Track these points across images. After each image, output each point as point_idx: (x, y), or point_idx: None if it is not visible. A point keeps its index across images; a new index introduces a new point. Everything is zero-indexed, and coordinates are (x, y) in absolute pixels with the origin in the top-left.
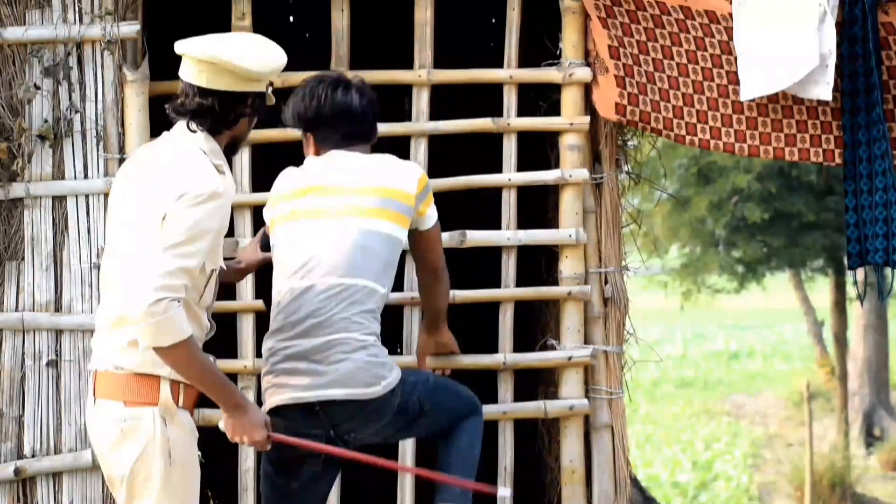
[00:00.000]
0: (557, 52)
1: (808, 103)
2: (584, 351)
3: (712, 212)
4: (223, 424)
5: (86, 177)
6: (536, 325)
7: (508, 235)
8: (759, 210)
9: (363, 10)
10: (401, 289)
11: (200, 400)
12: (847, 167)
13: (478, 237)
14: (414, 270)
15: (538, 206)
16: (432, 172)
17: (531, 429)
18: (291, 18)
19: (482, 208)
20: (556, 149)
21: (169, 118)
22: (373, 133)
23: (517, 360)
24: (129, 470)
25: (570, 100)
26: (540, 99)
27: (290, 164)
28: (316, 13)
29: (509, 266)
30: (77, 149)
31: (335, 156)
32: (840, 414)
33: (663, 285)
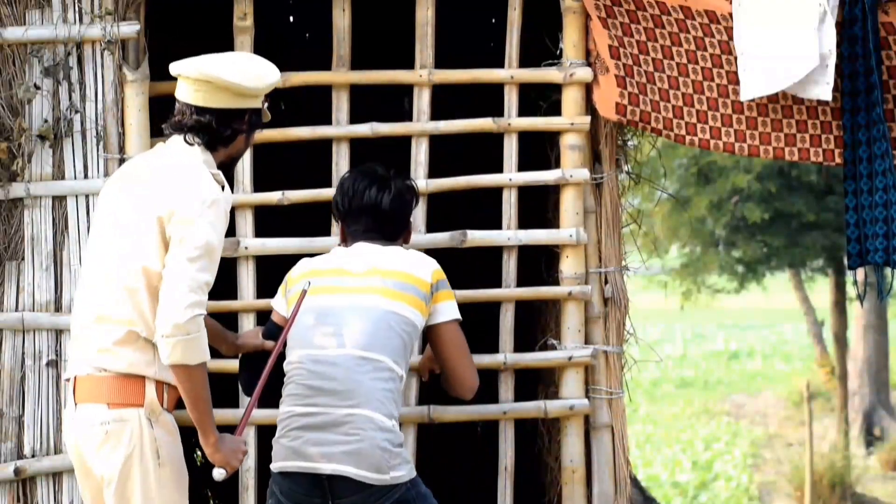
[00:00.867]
0: (558, 52)
1: (808, 103)
2: (584, 351)
3: (712, 212)
4: (218, 473)
5: (86, 177)
6: (537, 324)
7: (509, 235)
8: (759, 210)
9: (364, 10)
10: None
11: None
12: (847, 167)
13: (478, 237)
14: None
15: (538, 206)
16: (433, 172)
17: (531, 428)
18: (292, 18)
19: (483, 208)
20: (557, 149)
21: (165, 134)
22: (399, 233)
23: (518, 360)
24: (117, 473)
25: (570, 100)
26: (540, 99)
27: (292, 164)
28: (317, 13)
29: (510, 266)
30: (77, 149)
31: (359, 247)
32: (840, 414)
33: (663, 285)
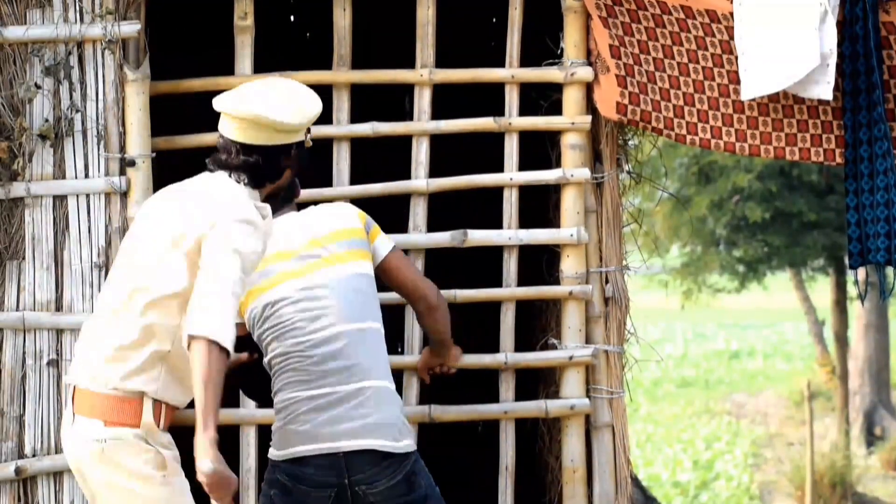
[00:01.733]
0: (559, 51)
1: (809, 103)
2: (585, 350)
3: (713, 211)
4: (205, 472)
5: (86, 176)
6: (537, 324)
7: (510, 235)
8: (759, 209)
9: (365, 10)
10: None
11: None
12: (848, 166)
13: (479, 237)
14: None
15: (539, 206)
16: (434, 172)
17: (532, 428)
18: (293, 18)
19: (483, 208)
20: (557, 148)
21: (209, 169)
22: (295, 194)
23: (518, 360)
24: (111, 490)
25: (571, 99)
26: (541, 98)
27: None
28: (317, 12)
29: (510, 265)
30: (78, 148)
31: (278, 222)
32: (841, 413)
33: (664, 285)
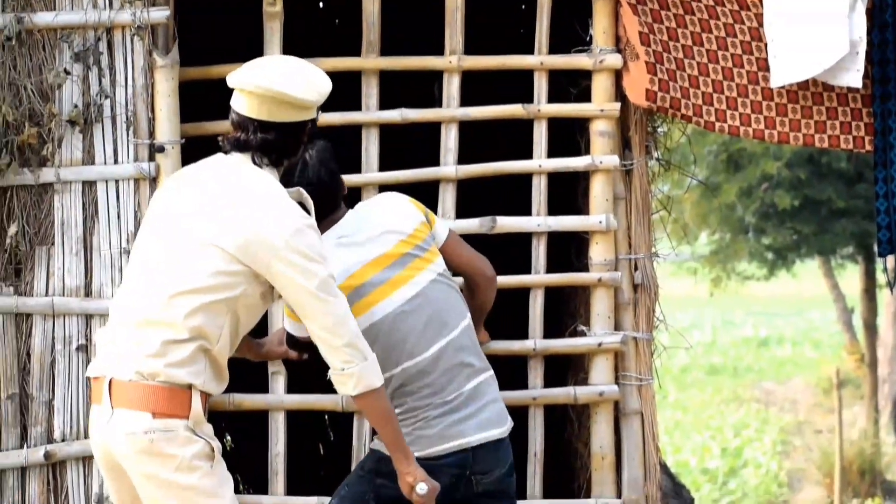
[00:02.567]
0: (588, 38)
1: (838, 90)
2: (613, 337)
3: (742, 198)
4: (421, 488)
5: (116, 162)
6: (566, 311)
7: (538, 222)
8: (788, 197)
9: None
10: None
11: (230, 384)
12: (877, 154)
13: (508, 223)
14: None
15: (568, 193)
16: (462, 159)
17: (561, 415)
18: (321, 4)
19: (512, 195)
20: (586, 135)
21: (223, 150)
22: (341, 194)
23: (547, 346)
24: (165, 482)
25: (600, 86)
26: (570, 85)
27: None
28: None
29: (539, 252)
30: (107, 134)
31: (348, 224)
32: (869, 401)
33: (693, 272)
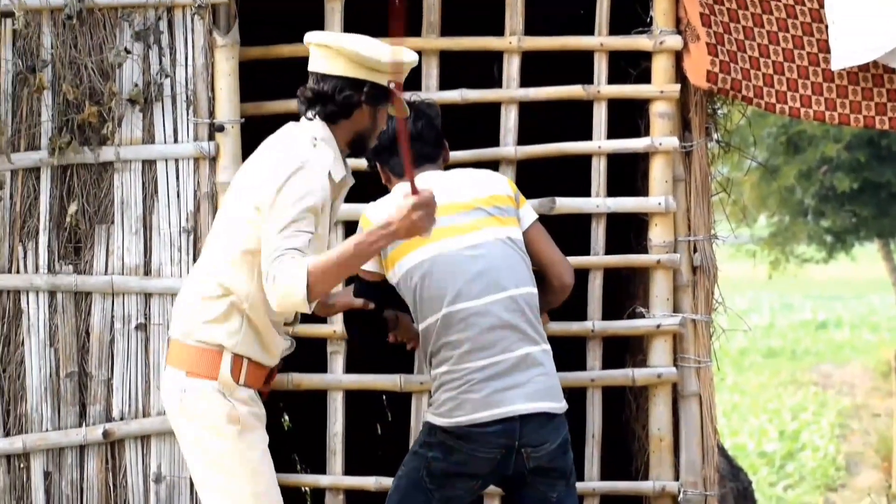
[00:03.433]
0: (648, 19)
1: None
2: (672, 319)
3: (801, 181)
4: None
5: (175, 141)
6: (625, 293)
7: (598, 203)
8: (848, 179)
9: None
10: None
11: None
12: None
13: (568, 204)
14: None
15: (627, 175)
16: (522, 139)
17: (619, 396)
18: None
19: (572, 177)
20: (646, 117)
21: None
22: (440, 153)
23: (606, 328)
24: (193, 440)
25: (660, 68)
26: (630, 66)
27: None
28: None
29: (599, 233)
30: (167, 113)
31: (425, 178)
32: None
33: (751, 254)
